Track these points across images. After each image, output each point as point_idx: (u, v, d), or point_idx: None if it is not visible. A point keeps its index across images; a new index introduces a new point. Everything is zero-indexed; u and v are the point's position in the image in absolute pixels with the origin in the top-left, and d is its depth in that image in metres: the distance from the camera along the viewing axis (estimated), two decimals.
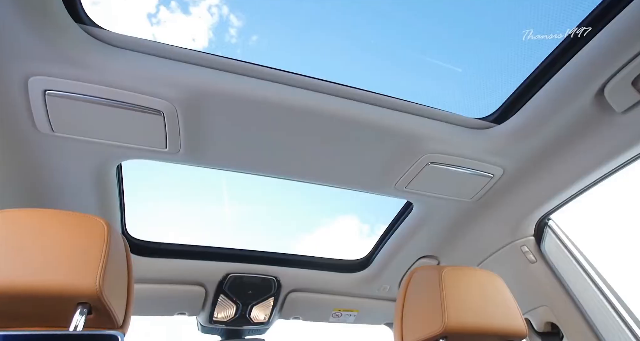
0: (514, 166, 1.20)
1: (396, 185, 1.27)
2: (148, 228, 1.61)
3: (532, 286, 1.37)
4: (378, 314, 2.05)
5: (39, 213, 0.69)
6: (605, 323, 1.16)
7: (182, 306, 1.72)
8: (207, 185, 2.13)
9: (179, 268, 1.59)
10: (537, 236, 1.38)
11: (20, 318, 0.67)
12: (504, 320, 0.93)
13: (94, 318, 0.70)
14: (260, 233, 2.30)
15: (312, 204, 2.50)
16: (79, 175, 1.13)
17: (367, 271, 1.82)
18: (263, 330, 1.95)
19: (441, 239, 1.58)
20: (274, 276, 1.71)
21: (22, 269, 0.61)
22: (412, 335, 0.98)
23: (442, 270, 0.97)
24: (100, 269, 0.65)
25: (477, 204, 1.37)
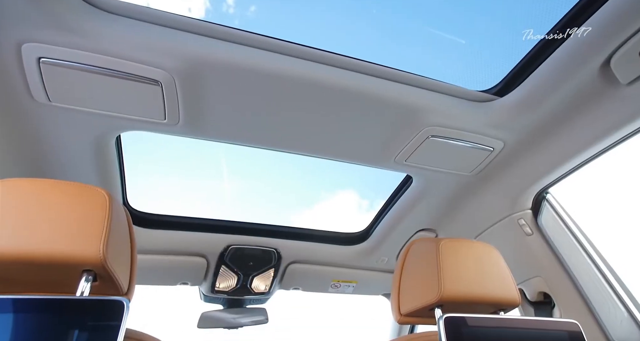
0: (514, 139, 1.19)
1: (396, 158, 1.27)
2: (149, 200, 1.63)
3: (527, 258, 1.40)
4: (376, 285, 2.11)
5: (41, 183, 0.69)
6: (595, 292, 1.19)
7: (184, 277, 1.76)
8: (208, 159, 2.13)
9: (180, 240, 1.62)
10: (535, 209, 1.40)
11: (28, 285, 0.69)
12: (498, 289, 0.96)
13: (99, 285, 0.72)
14: (261, 206, 2.33)
15: (311, 179, 2.51)
16: (78, 146, 1.13)
17: (366, 244, 1.85)
18: (264, 300, 2.01)
19: (439, 212, 1.60)
20: (274, 248, 1.74)
21: (27, 237, 0.62)
22: (409, 304, 1.00)
23: (440, 242, 0.98)
24: (103, 237, 0.66)
25: (476, 177, 1.38)
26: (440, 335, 0.82)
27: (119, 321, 0.62)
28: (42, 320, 0.59)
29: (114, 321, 0.62)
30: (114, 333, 0.61)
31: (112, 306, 0.63)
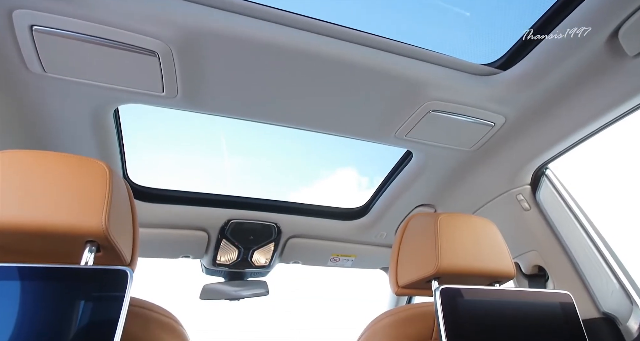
0: (516, 114, 1.18)
1: (396, 133, 1.26)
2: (149, 175, 1.63)
3: (524, 233, 1.42)
4: (374, 259, 2.15)
5: (40, 154, 0.69)
6: (589, 265, 1.22)
7: (186, 250, 1.80)
8: (208, 135, 2.12)
9: (181, 214, 1.63)
10: (534, 184, 1.40)
11: (32, 255, 0.70)
12: (494, 262, 0.98)
13: (103, 256, 0.73)
14: (261, 182, 2.33)
15: (311, 157, 2.51)
16: (76, 119, 1.12)
17: (365, 219, 1.88)
18: (264, 273, 2.06)
19: (439, 188, 1.61)
20: (274, 222, 1.76)
21: (29, 207, 0.62)
22: (407, 277, 1.03)
23: (438, 217, 0.99)
24: (104, 209, 0.66)
25: (476, 153, 1.37)
26: (436, 305, 0.85)
27: (123, 290, 0.64)
28: (47, 289, 0.61)
29: (118, 290, 0.64)
30: (118, 301, 0.63)
31: (116, 276, 0.65)
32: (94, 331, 0.60)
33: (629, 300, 1.11)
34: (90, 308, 0.62)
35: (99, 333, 0.60)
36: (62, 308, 0.60)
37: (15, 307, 0.58)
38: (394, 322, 1.01)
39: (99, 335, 0.60)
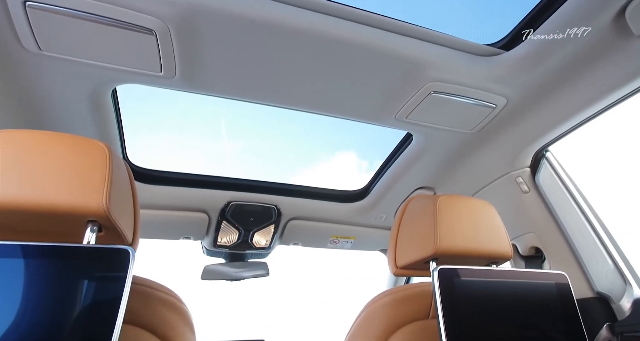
0: (518, 95, 1.17)
1: (397, 115, 1.25)
2: (149, 157, 1.63)
3: (522, 215, 1.43)
4: (374, 241, 2.17)
5: (39, 134, 0.68)
6: (585, 247, 1.23)
7: (187, 231, 1.81)
8: (208, 117, 2.12)
9: (181, 196, 1.64)
10: (533, 167, 1.40)
11: (34, 234, 0.70)
12: (492, 244, 0.99)
13: (105, 235, 0.74)
14: (261, 164, 2.34)
15: (311, 139, 2.51)
16: (74, 99, 1.11)
17: (365, 201, 1.88)
18: (264, 254, 2.08)
19: (438, 170, 1.61)
20: (274, 204, 1.77)
21: (30, 186, 0.62)
22: (405, 257, 1.04)
23: (438, 198, 1.00)
24: (105, 188, 0.66)
25: (476, 135, 1.37)
26: (434, 285, 0.86)
27: (125, 269, 0.65)
28: (51, 267, 0.61)
29: (120, 268, 0.65)
30: (121, 279, 0.64)
31: (119, 255, 0.66)
32: (98, 309, 0.61)
33: (622, 280, 1.13)
34: (93, 286, 0.62)
35: (102, 310, 0.61)
36: (66, 286, 0.61)
37: (18, 285, 0.59)
38: (391, 301, 1.03)
39: (103, 312, 0.61)
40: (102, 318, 0.60)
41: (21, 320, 0.57)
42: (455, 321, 0.83)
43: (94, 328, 0.60)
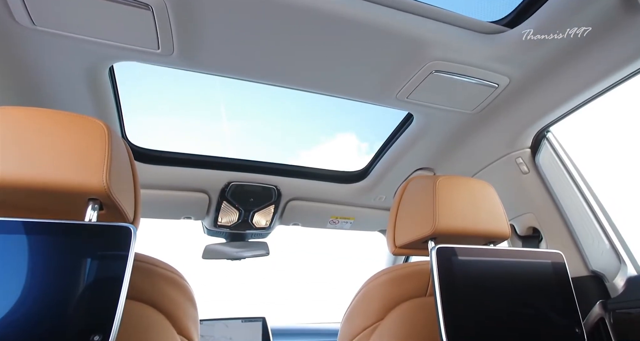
0: (521, 74, 1.15)
1: (397, 95, 1.24)
2: (148, 137, 1.63)
3: (521, 195, 1.44)
4: (373, 222, 2.19)
5: (37, 112, 0.68)
6: (582, 227, 1.25)
7: (187, 211, 1.83)
8: (207, 97, 2.10)
9: (181, 176, 1.64)
10: (534, 148, 1.40)
11: (35, 211, 0.71)
12: (490, 224, 0.99)
13: (106, 214, 0.74)
14: (260, 146, 2.33)
15: (311, 121, 2.49)
16: (70, 76, 1.09)
17: (364, 182, 1.89)
18: (265, 234, 2.11)
19: (438, 151, 1.61)
20: (274, 185, 1.77)
21: (29, 164, 0.62)
22: (404, 237, 1.05)
23: (437, 179, 1.00)
24: (105, 167, 0.66)
25: (477, 116, 1.36)
26: (432, 263, 0.87)
27: (127, 246, 0.65)
28: (53, 244, 0.62)
29: (122, 245, 0.65)
30: (123, 256, 0.64)
31: (121, 232, 0.66)
32: (101, 285, 0.62)
33: (617, 259, 1.15)
34: (96, 262, 0.63)
35: (105, 286, 0.62)
36: (68, 263, 0.62)
37: (21, 262, 0.59)
38: (390, 279, 1.04)
39: (106, 288, 0.62)
40: (106, 294, 0.61)
41: (25, 296, 0.58)
42: (452, 298, 0.85)
43: (98, 303, 0.61)
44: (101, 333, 0.59)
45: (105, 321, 0.59)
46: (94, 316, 0.60)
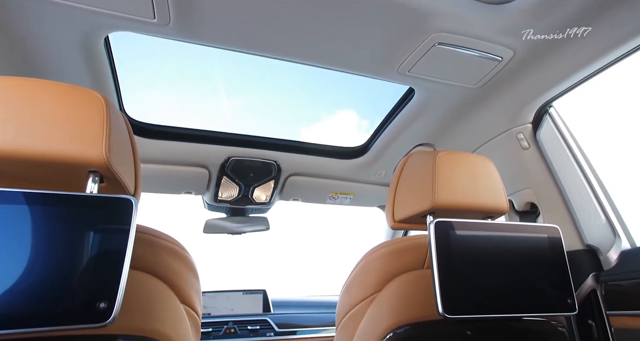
0: (526, 47, 1.13)
1: (399, 69, 1.22)
2: (147, 111, 1.61)
3: (521, 171, 1.44)
4: (372, 197, 2.21)
5: (33, 82, 0.66)
6: (580, 202, 1.26)
7: (187, 186, 1.84)
8: (206, 71, 2.06)
9: (181, 150, 1.64)
10: (535, 123, 1.39)
11: (35, 183, 0.71)
12: (488, 199, 1.00)
13: (106, 186, 0.74)
14: (260, 121, 2.32)
15: (311, 98, 2.46)
16: (65, 46, 1.07)
17: (364, 158, 1.89)
18: (265, 209, 2.13)
19: (439, 127, 1.60)
20: (274, 160, 1.77)
21: (27, 135, 0.62)
22: (403, 212, 1.06)
23: (437, 154, 1.00)
24: (104, 139, 0.66)
25: (479, 90, 1.34)
26: (430, 237, 0.88)
27: (129, 217, 0.66)
28: (55, 215, 0.62)
29: (124, 217, 0.66)
30: (125, 228, 0.65)
31: (122, 204, 0.67)
32: (105, 255, 0.63)
33: (612, 233, 1.17)
34: (99, 233, 0.64)
35: (109, 256, 0.63)
36: (72, 234, 0.62)
37: (25, 232, 0.60)
38: (388, 253, 1.06)
39: (110, 258, 0.63)
40: (110, 263, 0.63)
41: (31, 266, 0.59)
42: (449, 270, 0.86)
43: (103, 272, 0.62)
44: (107, 300, 0.60)
45: (111, 289, 0.61)
46: (99, 284, 0.61)
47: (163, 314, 0.75)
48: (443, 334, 0.93)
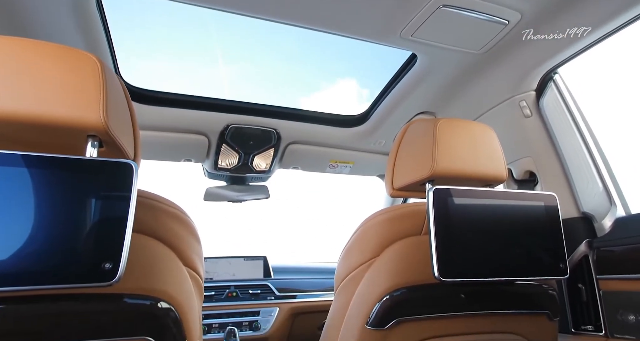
0: (533, 10, 1.08)
1: (402, 33, 1.18)
2: (143, 77, 1.58)
3: (521, 139, 1.44)
4: (372, 166, 2.21)
5: (25, 42, 0.64)
6: (578, 170, 1.26)
7: (187, 154, 1.83)
8: (204, 37, 2.00)
9: (180, 117, 1.62)
10: (539, 90, 1.37)
11: (34, 146, 0.70)
12: (488, 167, 1.00)
13: (106, 151, 0.74)
14: (259, 89, 2.28)
15: (311, 66, 2.41)
16: (56, 7, 1.03)
17: (365, 126, 1.88)
18: (265, 178, 2.13)
19: (441, 94, 1.57)
20: (273, 128, 1.76)
21: (23, 97, 0.61)
22: (402, 179, 1.06)
23: (438, 122, 0.99)
24: (101, 102, 0.65)
25: (484, 56, 1.31)
26: (428, 204, 0.89)
27: (130, 182, 0.66)
28: (55, 179, 0.62)
29: (125, 181, 0.66)
30: (127, 191, 0.65)
31: (122, 168, 0.66)
32: (107, 218, 0.64)
33: (609, 200, 1.18)
34: (101, 197, 0.64)
35: (112, 219, 0.64)
36: (74, 198, 0.63)
37: (27, 195, 0.60)
38: (387, 219, 1.07)
39: (112, 221, 0.64)
40: (113, 226, 0.63)
41: (36, 229, 0.59)
42: (446, 236, 0.88)
43: (106, 234, 0.63)
44: (111, 261, 0.62)
45: (115, 250, 0.62)
46: (103, 245, 0.62)
47: (166, 275, 0.77)
48: (438, 296, 0.96)
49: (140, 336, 0.70)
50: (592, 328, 1.17)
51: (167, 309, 0.73)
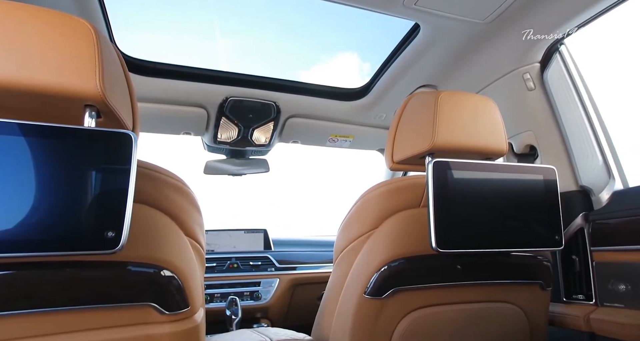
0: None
1: (405, 1, 1.14)
2: (139, 48, 1.54)
3: (523, 113, 1.42)
4: (372, 140, 2.20)
5: (14, 6, 0.62)
6: (579, 143, 1.26)
7: (186, 127, 1.82)
8: (200, 8, 1.94)
9: (178, 89, 1.60)
10: (544, 62, 1.34)
11: (32, 115, 0.69)
12: (488, 140, 1.00)
13: (104, 122, 0.73)
14: (259, 62, 2.23)
15: (311, 38, 2.35)
16: None
17: (365, 100, 1.85)
18: (264, 151, 2.13)
19: (443, 67, 1.54)
20: (273, 101, 1.74)
21: (15, 64, 0.59)
22: (402, 153, 1.06)
23: (439, 94, 0.97)
24: (98, 70, 0.63)
25: (489, 26, 1.27)
26: (428, 177, 0.89)
27: (129, 152, 0.66)
28: (54, 148, 0.61)
29: (124, 151, 0.65)
30: (127, 161, 0.65)
31: (122, 138, 0.66)
32: (108, 187, 0.64)
33: (607, 174, 1.19)
34: (102, 166, 0.64)
35: (113, 188, 0.64)
36: (74, 167, 0.62)
37: (27, 165, 0.59)
38: (385, 192, 1.08)
39: (114, 190, 0.64)
40: (114, 195, 0.64)
41: (39, 198, 0.59)
42: (444, 208, 0.89)
43: (108, 203, 0.63)
44: (114, 229, 0.63)
45: (117, 219, 0.63)
46: (105, 215, 0.63)
47: (169, 245, 0.78)
48: (435, 267, 0.98)
49: (145, 303, 0.73)
50: (583, 297, 1.20)
51: (170, 277, 0.74)
